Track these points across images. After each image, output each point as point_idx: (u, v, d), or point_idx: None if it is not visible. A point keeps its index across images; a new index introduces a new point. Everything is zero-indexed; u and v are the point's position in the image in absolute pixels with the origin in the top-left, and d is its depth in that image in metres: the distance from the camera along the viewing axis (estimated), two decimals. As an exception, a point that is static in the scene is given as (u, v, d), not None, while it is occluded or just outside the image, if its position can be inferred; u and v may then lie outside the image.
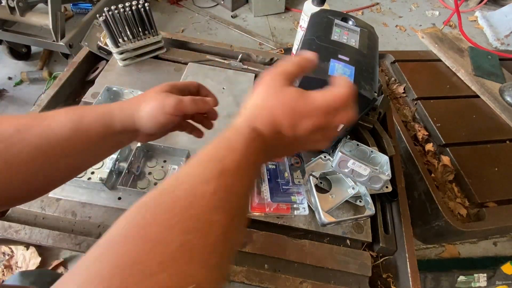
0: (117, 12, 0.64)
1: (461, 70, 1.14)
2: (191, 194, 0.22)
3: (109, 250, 0.19)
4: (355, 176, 0.55)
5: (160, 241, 0.19)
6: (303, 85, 0.41)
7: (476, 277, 0.94)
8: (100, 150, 0.35)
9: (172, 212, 0.21)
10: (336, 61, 0.44)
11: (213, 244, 0.21)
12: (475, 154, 0.93)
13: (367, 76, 0.45)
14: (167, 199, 0.22)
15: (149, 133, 0.37)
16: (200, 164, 0.24)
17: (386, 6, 2.19)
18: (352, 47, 0.47)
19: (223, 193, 0.23)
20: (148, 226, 0.20)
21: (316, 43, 0.47)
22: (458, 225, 0.78)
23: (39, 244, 0.51)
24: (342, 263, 0.53)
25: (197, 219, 0.21)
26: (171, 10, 1.99)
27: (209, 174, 0.23)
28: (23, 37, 1.30)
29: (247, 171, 0.26)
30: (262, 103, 0.29)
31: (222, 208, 0.22)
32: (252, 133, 0.27)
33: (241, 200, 0.25)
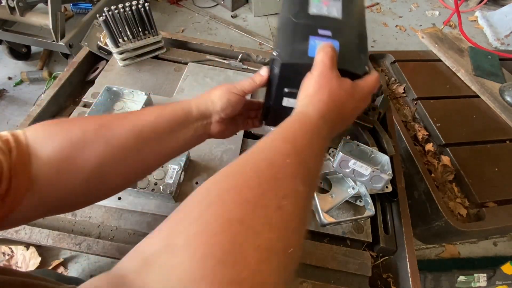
0: (117, 12, 0.64)
1: (461, 70, 1.14)
2: (275, 165, 0.24)
3: (210, 210, 0.20)
4: (356, 176, 0.55)
5: (258, 204, 0.21)
6: (283, 73, 0.40)
7: (476, 277, 0.94)
8: (180, 137, 0.38)
9: (261, 179, 0.22)
10: (317, 38, 0.39)
11: (302, 211, 0.23)
12: (475, 154, 0.93)
13: (354, 49, 0.40)
14: (252, 167, 0.24)
15: (220, 117, 0.40)
16: (275, 143, 0.27)
17: (386, 6, 2.19)
18: (334, 19, 0.42)
19: (302, 168, 0.25)
20: (244, 190, 0.21)
21: (291, 22, 0.41)
22: (458, 225, 0.78)
23: (39, 244, 0.51)
24: (342, 263, 0.53)
25: (285, 187, 0.23)
26: (171, 10, 1.99)
27: (286, 150, 0.26)
28: (23, 37, 1.30)
29: (316, 152, 0.29)
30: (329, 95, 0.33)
31: (303, 181, 0.24)
32: (321, 119, 0.31)
33: (315, 177, 0.28)
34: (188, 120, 0.38)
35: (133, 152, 0.34)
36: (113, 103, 0.68)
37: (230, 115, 0.41)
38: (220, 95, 0.40)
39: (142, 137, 0.34)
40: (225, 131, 0.43)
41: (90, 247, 0.50)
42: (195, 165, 0.61)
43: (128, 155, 0.33)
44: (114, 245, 0.51)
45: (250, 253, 0.18)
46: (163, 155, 0.38)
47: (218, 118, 0.40)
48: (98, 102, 0.63)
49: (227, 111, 0.40)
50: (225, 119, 0.41)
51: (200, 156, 0.62)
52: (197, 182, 0.59)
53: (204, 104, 0.39)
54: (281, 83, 0.42)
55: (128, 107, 0.68)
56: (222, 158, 0.62)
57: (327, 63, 0.33)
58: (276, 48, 0.39)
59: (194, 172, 0.60)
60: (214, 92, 0.40)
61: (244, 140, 0.65)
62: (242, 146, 0.64)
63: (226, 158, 0.62)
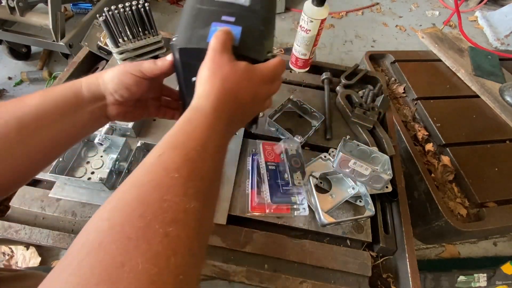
0: (117, 12, 0.64)
1: (461, 70, 1.14)
2: (162, 185, 0.22)
3: (89, 258, 0.19)
4: (356, 176, 0.55)
5: (141, 239, 0.19)
6: (181, 57, 0.38)
7: (476, 277, 0.94)
8: (75, 122, 0.35)
9: (146, 206, 0.21)
10: (219, 24, 0.39)
11: (194, 230, 0.21)
12: (475, 154, 0.93)
13: (257, 35, 0.40)
14: (136, 195, 0.22)
15: (116, 99, 0.37)
16: (163, 155, 0.24)
17: (386, 6, 2.19)
18: (240, 5, 0.41)
19: (194, 180, 0.23)
20: (125, 228, 0.20)
21: (196, 8, 0.41)
22: (458, 225, 0.78)
23: (39, 244, 0.51)
24: (342, 263, 0.53)
25: (174, 209, 0.21)
26: (171, 10, 1.99)
27: (175, 162, 0.23)
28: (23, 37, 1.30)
29: (212, 154, 0.26)
30: (222, 82, 0.30)
31: (196, 194, 0.23)
32: (215, 112, 0.29)
33: (211, 184, 0.26)
34: (80, 102, 0.35)
35: (18, 145, 0.30)
36: None
37: (128, 97, 0.37)
38: (112, 75, 0.36)
39: (25, 127, 0.31)
40: (127, 114, 0.40)
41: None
42: None
43: (13, 148, 0.30)
44: (114, 245, 0.51)
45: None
46: (58, 143, 0.35)
47: (113, 100, 0.37)
48: None
49: (122, 93, 0.36)
50: (125, 101, 0.38)
51: None
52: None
53: (95, 84, 0.36)
54: (185, 71, 0.41)
55: None
56: None
57: (217, 48, 0.31)
58: (176, 33, 0.38)
59: None
60: (107, 72, 0.36)
61: (244, 140, 0.65)
62: (242, 146, 0.64)
63: (226, 158, 0.62)
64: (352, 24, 2.01)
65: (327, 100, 0.75)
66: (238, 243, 0.53)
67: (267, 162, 0.60)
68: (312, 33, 0.72)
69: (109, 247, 0.19)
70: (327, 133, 0.69)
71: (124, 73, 0.36)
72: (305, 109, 0.71)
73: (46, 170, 0.55)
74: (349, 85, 0.80)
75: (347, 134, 0.69)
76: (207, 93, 0.30)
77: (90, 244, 0.19)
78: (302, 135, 0.65)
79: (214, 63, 0.31)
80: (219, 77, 0.30)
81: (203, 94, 0.30)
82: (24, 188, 0.55)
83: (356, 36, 1.93)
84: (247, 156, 0.63)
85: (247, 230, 0.55)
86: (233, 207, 0.56)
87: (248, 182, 0.60)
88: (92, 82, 0.36)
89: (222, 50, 0.31)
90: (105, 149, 0.59)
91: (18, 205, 0.54)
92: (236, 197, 0.58)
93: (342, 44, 1.87)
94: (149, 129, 0.65)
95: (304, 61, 0.79)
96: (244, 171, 0.61)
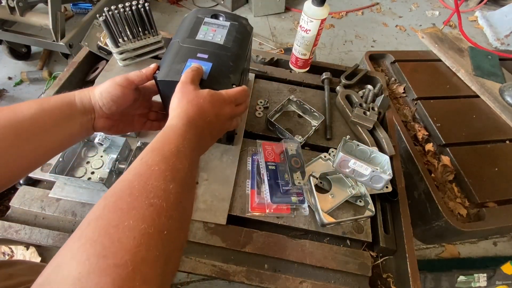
0: (117, 12, 0.64)
1: (461, 70, 1.14)
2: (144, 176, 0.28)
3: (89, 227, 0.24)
4: (356, 176, 0.55)
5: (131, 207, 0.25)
6: (161, 87, 0.46)
7: (476, 277, 0.94)
8: (66, 131, 0.38)
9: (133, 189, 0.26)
10: (194, 60, 0.47)
11: (174, 203, 0.27)
12: (475, 154, 0.93)
13: (225, 70, 0.47)
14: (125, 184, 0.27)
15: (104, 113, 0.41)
16: (149, 152, 0.31)
17: (386, 6, 2.19)
18: (215, 44, 0.50)
19: (170, 171, 0.29)
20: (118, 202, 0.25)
21: (177, 46, 0.49)
22: (458, 225, 0.78)
23: (39, 244, 0.51)
24: (342, 263, 0.53)
25: (155, 189, 0.27)
26: (171, 10, 1.99)
27: (154, 160, 0.30)
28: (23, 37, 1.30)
29: (184, 155, 0.32)
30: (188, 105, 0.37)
31: (173, 180, 0.29)
32: (185, 127, 0.35)
33: (186, 175, 0.31)
34: (73, 114, 0.38)
35: (13, 149, 0.33)
36: None
37: (115, 110, 0.41)
38: (101, 89, 0.40)
39: (22, 133, 0.34)
40: (113, 127, 0.44)
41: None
42: None
43: (8, 152, 0.33)
44: (114, 245, 0.51)
45: (128, 242, 0.22)
46: (49, 149, 0.38)
47: (101, 113, 0.40)
48: None
49: (109, 106, 0.40)
50: (111, 115, 0.42)
51: None
52: (197, 182, 0.58)
53: (87, 98, 0.39)
54: (166, 97, 0.48)
55: None
56: (222, 158, 0.62)
57: (184, 81, 0.39)
58: (158, 68, 0.46)
59: None
60: (98, 86, 0.40)
61: (244, 140, 0.65)
62: (242, 146, 0.64)
63: (226, 158, 0.62)
64: (352, 24, 2.01)
65: (327, 100, 0.75)
66: (238, 243, 0.53)
67: (267, 162, 0.60)
68: (312, 33, 0.72)
69: (106, 216, 0.24)
70: (327, 133, 0.69)
71: (113, 86, 0.40)
72: (305, 109, 0.71)
73: (46, 170, 0.55)
74: (349, 85, 0.80)
75: (347, 134, 0.69)
76: (178, 114, 0.36)
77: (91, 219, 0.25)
78: (302, 135, 0.65)
79: (181, 92, 0.38)
80: (186, 101, 0.37)
81: (175, 115, 0.36)
82: (24, 188, 0.55)
83: (356, 36, 1.93)
84: (247, 156, 0.63)
85: (247, 230, 0.55)
86: (233, 207, 0.56)
87: (248, 182, 0.60)
88: (84, 95, 0.40)
89: (188, 82, 0.39)
90: (105, 149, 0.59)
91: (18, 205, 0.54)
92: (236, 197, 0.58)
93: (342, 44, 1.87)
94: (149, 129, 0.65)
95: (304, 61, 0.79)
96: (244, 171, 0.61)
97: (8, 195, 0.56)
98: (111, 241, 0.22)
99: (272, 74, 0.80)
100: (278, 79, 0.80)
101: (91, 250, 0.22)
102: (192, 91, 0.38)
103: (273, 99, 0.75)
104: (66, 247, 0.23)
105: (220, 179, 0.59)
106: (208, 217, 0.54)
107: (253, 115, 0.71)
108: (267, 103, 0.73)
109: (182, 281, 0.92)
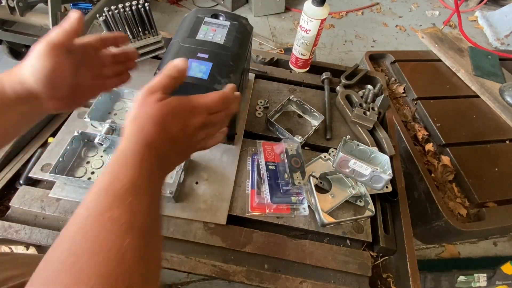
0: (117, 12, 0.64)
1: (461, 70, 1.14)
2: (94, 229, 0.22)
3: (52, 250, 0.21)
4: (356, 176, 0.55)
5: (78, 281, 0.20)
6: None
7: (476, 277, 0.94)
8: (2, 124, 0.32)
9: (78, 255, 0.21)
10: (194, 60, 0.46)
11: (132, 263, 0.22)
12: (475, 154, 0.93)
13: (225, 70, 0.47)
14: (70, 245, 0.22)
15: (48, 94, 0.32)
16: (98, 193, 0.25)
17: (386, 6, 2.19)
18: (216, 43, 0.49)
19: (126, 217, 0.23)
20: (59, 279, 0.20)
21: (178, 46, 0.48)
22: (458, 225, 0.78)
23: (39, 244, 0.51)
24: (342, 263, 0.53)
25: (109, 249, 0.21)
26: (171, 10, 1.99)
27: (104, 204, 0.24)
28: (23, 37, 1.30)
29: (143, 190, 0.26)
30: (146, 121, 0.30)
31: (130, 230, 0.23)
32: (141, 150, 0.28)
33: (147, 219, 0.25)
34: (5, 105, 0.31)
35: None
36: (114, 103, 0.68)
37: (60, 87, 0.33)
38: (31, 69, 0.31)
39: None
40: (68, 104, 0.36)
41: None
42: (195, 165, 0.61)
43: None
44: (114, 245, 0.51)
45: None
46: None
47: (46, 96, 0.32)
48: (98, 102, 0.63)
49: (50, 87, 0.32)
50: (58, 92, 0.33)
51: (200, 156, 0.62)
52: (197, 182, 0.58)
53: (19, 84, 0.31)
54: None
55: (128, 106, 0.68)
56: (222, 158, 0.62)
57: (147, 89, 0.32)
58: (159, 67, 0.46)
59: (194, 172, 0.60)
60: (27, 64, 0.31)
61: (244, 140, 0.65)
62: (242, 146, 0.64)
63: (226, 158, 0.62)
64: (352, 24, 2.01)
65: (327, 100, 0.75)
66: (238, 243, 0.53)
67: (267, 162, 0.60)
68: (312, 33, 0.72)
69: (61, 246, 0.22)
70: (327, 133, 0.69)
71: (40, 60, 0.31)
72: (305, 109, 0.71)
73: (46, 170, 0.55)
74: (349, 85, 0.80)
75: (347, 134, 0.69)
76: (132, 134, 0.29)
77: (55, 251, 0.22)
78: (302, 135, 0.65)
79: (139, 104, 0.31)
80: (144, 116, 0.30)
81: (128, 136, 0.29)
82: (24, 188, 0.55)
83: (356, 36, 1.93)
84: (247, 156, 0.63)
85: (247, 230, 0.55)
86: (233, 207, 0.56)
87: (248, 182, 0.60)
88: (14, 81, 0.31)
89: (151, 91, 0.32)
90: (105, 149, 0.59)
91: (18, 205, 0.54)
92: (236, 197, 0.58)
93: (342, 44, 1.87)
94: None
95: (304, 61, 0.79)
96: (244, 171, 0.61)
97: (8, 195, 0.57)
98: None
99: (272, 74, 0.80)
100: (278, 79, 0.80)
101: None
102: (153, 102, 0.30)
103: (273, 99, 0.75)
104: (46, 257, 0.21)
105: (220, 179, 0.59)
106: (208, 217, 0.54)
107: (253, 115, 0.71)
108: (267, 103, 0.73)
109: (182, 281, 0.92)
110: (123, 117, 0.66)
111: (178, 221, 0.54)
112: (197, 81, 0.46)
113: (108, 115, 0.66)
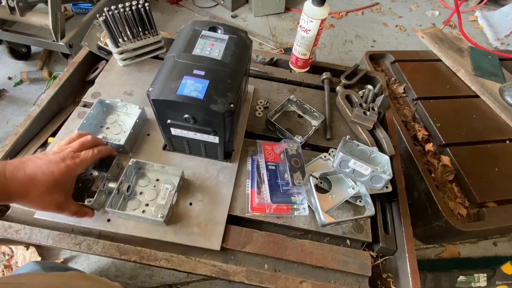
0: (117, 12, 0.64)
1: (461, 70, 1.14)
2: None
3: None
4: (356, 176, 0.55)
5: None
6: (155, 106, 0.45)
7: (476, 277, 0.94)
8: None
9: None
10: (190, 77, 0.44)
11: None
12: (475, 154, 0.93)
13: (222, 88, 0.45)
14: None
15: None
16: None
17: (386, 6, 2.19)
18: (213, 59, 0.47)
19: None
20: None
21: (173, 61, 0.46)
22: (458, 225, 0.78)
23: (39, 244, 0.51)
24: (342, 263, 0.53)
25: None
26: (171, 10, 1.99)
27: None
28: (23, 37, 1.30)
29: None
30: None
31: None
32: None
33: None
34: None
35: None
36: (106, 116, 0.64)
37: None
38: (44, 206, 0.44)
39: None
40: None
41: (90, 247, 0.50)
42: (189, 184, 0.57)
43: None
44: (114, 245, 0.51)
45: None
46: None
47: None
48: (90, 115, 0.59)
49: None
50: None
51: (195, 174, 0.58)
52: (191, 203, 0.55)
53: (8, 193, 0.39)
54: (159, 115, 0.48)
55: (121, 120, 0.64)
56: (218, 176, 0.59)
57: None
58: (152, 84, 0.44)
59: (188, 192, 0.56)
60: (40, 198, 0.42)
61: (244, 140, 0.65)
62: (243, 146, 0.64)
63: (223, 177, 0.59)
64: (352, 24, 2.01)
65: (327, 100, 0.75)
66: (238, 243, 0.53)
67: (267, 162, 0.60)
68: (312, 33, 0.72)
69: None
70: (327, 133, 0.69)
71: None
72: (305, 109, 0.71)
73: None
74: (349, 85, 0.80)
75: (347, 134, 0.69)
76: None
77: None
78: (302, 135, 0.65)
79: None
80: None
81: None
82: (24, 188, 0.55)
83: (356, 36, 1.93)
84: (247, 156, 0.63)
85: (247, 230, 0.55)
86: (233, 207, 0.56)
87: (248, 182, 0.60)
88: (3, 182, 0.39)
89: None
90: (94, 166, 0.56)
91: (18, 205, 0.54)
92: (236, 197, 0.58)
93: (342, 44, 1.87)
94: (142, 145, 0.62)
95: (304, 61, 0.79)
96: (244, 171, 0.61)
97: (8, 195, 0.56)
98: None
99: (272, 74, 0.80)
100: (278, 79, 0.80)
101: None
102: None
103: (273, 99, 0.75)
104: None
105: (215, 200, 0.56)
106: (202, 242, 0.52)
107: (253, 115, 0.71)
108: (267, 103, 0.73)
109: (182, 281, 0.92)
110: (116, 131, 0.62)
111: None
112: (192, 101, 0.43)
113: (100, 129, 0.62)
